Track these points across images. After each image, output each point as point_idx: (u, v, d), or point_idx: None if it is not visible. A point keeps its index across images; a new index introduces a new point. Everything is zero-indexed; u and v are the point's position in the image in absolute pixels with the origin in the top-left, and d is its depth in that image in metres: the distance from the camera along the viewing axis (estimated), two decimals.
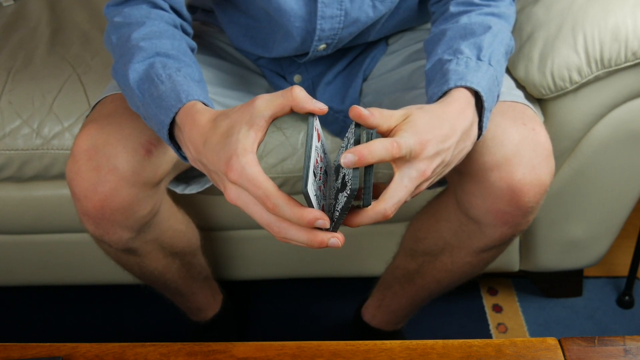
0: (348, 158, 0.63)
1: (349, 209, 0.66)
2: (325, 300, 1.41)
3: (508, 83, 0.96)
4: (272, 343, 0.82)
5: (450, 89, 0.76)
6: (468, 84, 0.76)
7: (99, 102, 0.93)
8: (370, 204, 0.66)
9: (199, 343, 0.82)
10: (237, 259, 1.32)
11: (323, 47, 0.96)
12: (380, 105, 1.01)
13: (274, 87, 1.08)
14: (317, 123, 0.68)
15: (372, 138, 0.66)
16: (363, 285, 1.26)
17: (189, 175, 1.03)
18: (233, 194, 0.67)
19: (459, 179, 0.89)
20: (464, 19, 0.85)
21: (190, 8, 1.13)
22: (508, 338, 1.09)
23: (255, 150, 0.66)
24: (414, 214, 1.05)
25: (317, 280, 1.43)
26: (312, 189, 0.64)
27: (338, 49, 1.00)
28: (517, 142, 0.83)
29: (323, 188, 0.69)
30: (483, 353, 0.80)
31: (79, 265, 1.31)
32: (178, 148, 0.77)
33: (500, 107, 0.87)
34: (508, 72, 1.08)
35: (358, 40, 1.01)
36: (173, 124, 0.75)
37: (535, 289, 1.41)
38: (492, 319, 1.37)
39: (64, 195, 1.17)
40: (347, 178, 0.65)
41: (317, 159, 0.67)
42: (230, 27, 1.03)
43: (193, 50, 0.87)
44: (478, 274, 1.05)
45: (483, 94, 0.76)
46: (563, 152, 1.12)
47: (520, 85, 1.07)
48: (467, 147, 0.75)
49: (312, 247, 0.65)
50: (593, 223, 1.24)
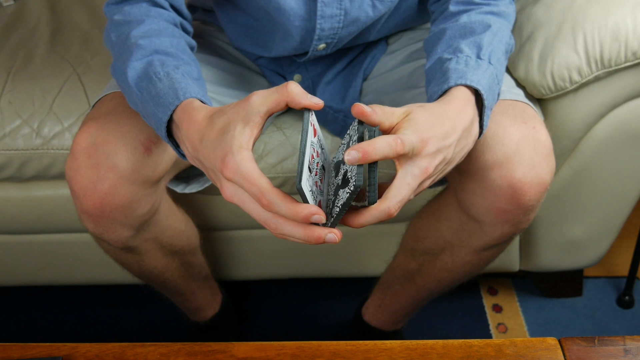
0: (352, 155, 0.63)
1: (350, 208, 0.66)
2: (325, 300, 1.41)
3: (508, 82, 0.96)
4: (272, 343, 0.82)
5: (451, 88, 0.76)
6: (468, 83, 0.76)
7: (99, 100, 0.93)
8: (376, 201, 0.66)
9: (199, 343, 0.82)
10: (237, 259, 1.32)
11: (323, 46, 0.96)
12: (381, 105, 1.01)
13: (274, 86, 1.08)
14: (313, 118, 0.68)
15: (374, 136, 0.67)
16: (363, 285, 1.26)
17: (189, 175, 1.03)
18: (229, 192, 0.67)
19: (460, 178, 0.89)
20: (464, 18, 0.85)
21: (191, 8, 1.13)
22: (508, 338, 1.09)
23: (251, 147, 0.66)
24: (415, 214, 1.05)
25: (317, 280, 1.43)
26: (306, 185, 0.64)
27: (338, 49, 1.00)
28: (517, 140, 0.83)
29: (320, 184, 0.68)
30: (483, 353, 0.80)
31: (79, 265, 1.31)
32: (177, 146, 0.77)
33: (501, 105, 0.87)
34: (508, 71, 1.08)
35: (358, 40, 1.01)
36: (171, 122, 0.75)
37: (535, 289, 1.41)
38: (492, 319, 1.37)
39: (64, 195, 1.17)
40: (349, 175, 0.65)
41: (312, 155, 0.67)
42: (230, 26, 1.03)
43: (193, 49, 0.87)
44: (478, 273, 1.05)
45: (483, 93, 0.76)
46: (563, 152, 1.12)
47: (520, 85, 1.08)
48: (468, 144, 0.75)
49: (309, 242, 0.65)
50: (593, 223, 1.24)
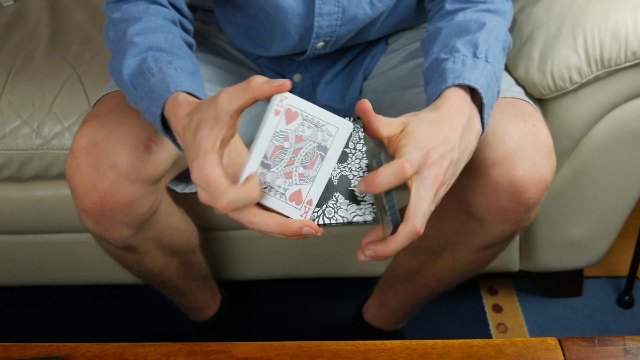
0: (361, 188, 0.66)
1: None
2: (325, 300, 1.41)
3: (508, 80, 0.96)
4: (272, 343, 0.82)
5: (447, 89, 0.76)
6: (466, 82, 0.76)
7: (100, 99, 0.93)
8: (400, 223, 0.67)
9: (199, 343, 0.82)
10: (237, 259, 1.32)
11: (321, 44, 0.96)
12: (381, 104, 1.01)
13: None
14: (290, 101, 0.65)
15: (381, 162, 0.66)
16: (363, 285, 1.26)
17: (189, 175, 1.03)
18: (201, 195, 0.66)
19: (460, 176, 0.89)
20: (459, 17, 0.85)
21: (191, 7, 1.13)
22: (508, 338, 1.09)
23: (217, 149, 0.65)
24: None
25: (317, 280, 1.43)
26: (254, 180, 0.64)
27: (338, 48, 1.00)
28: (517, 138, 0.83)
29: (306, 171, 0.67)
30: (483, 353, 0.80)
31: (79, 265, 1.31)
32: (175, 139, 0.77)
33: (501, 103, 0.87)
34: (507, 69, 1.08)
35: (358, 39, 1.01)
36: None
37: (535, 289, 1.41)
38: (492, 319, 1.37)
39: (64, 195, 1.17)
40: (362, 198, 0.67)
41: (280, 145, 0.65)
42: (229, 26, 1.03)
43: (191, 47, 0.87)
44: (479, 272, 1.05)
45: (481, 91, 0.76)
46: (563, 152, 1.12)
47: (521, 85, 1.08)
48: (472, 142, 0.75)
49: (286, 236, 0.66)
50: (593, 223, 1.24)
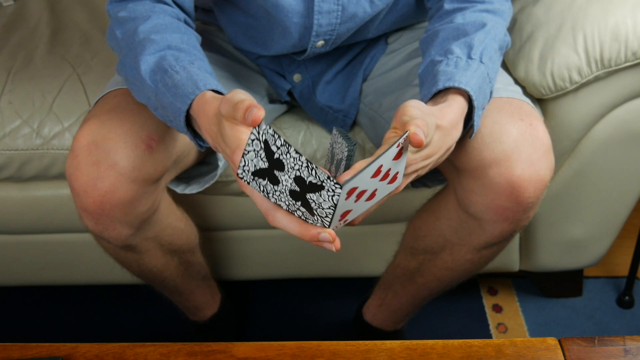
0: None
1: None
2: (325, 300, 1.41)
3: (505, 79, 0.96)
4: (272, 343, 0.82)
5: (448, 89, 0.77)
6: (456, 85, 0.76)
7: (101, 98, 0.93)
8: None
9: (199, 343, 0.82)
10: (236, 259, 1.32)
11: (321, 43, 0.96)
12: (381, 105, 1.01)
13: (274, 86, 1.08)
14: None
15: (353, 155, 0.66)
16: (363, 285, 1.26)
17: (189, 175, 1.03)
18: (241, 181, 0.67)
19: (458, 176, 0.90)
20: (459, 18, 0.85)
21: None
22: (508, 338, 1.09)
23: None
24: (414, 213, 1.05)
25: (317, 280, 1.43)
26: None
27: (337, 48, 1.00)
28: (515, 137, 0.83)
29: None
30: (483, 353, 0.80)
31: (79, 265, 1.31)
32: (194, 135, 0.79)
33: (497, 103, 0.87)
34: (507, 69, 1.08)
35: (357, 37, 1.01)
36: (188, 113, 0.76)
37: (535, 289, 1.41)
38: (492, 319, 1.37)
39: (64, 195, 1.17)
40: (336, 150, 0.66)
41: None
42: (230, 26, 1.03)
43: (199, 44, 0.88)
44: (478, 272, 1.05)
45: (472, 94, 0.77)
46: (563, 152, 1.12)
47: (520, 85, 1.07)
48: (453, 137, 0.76)
49: (303, 239, 0.67)
50: (593, 223, 1.24)
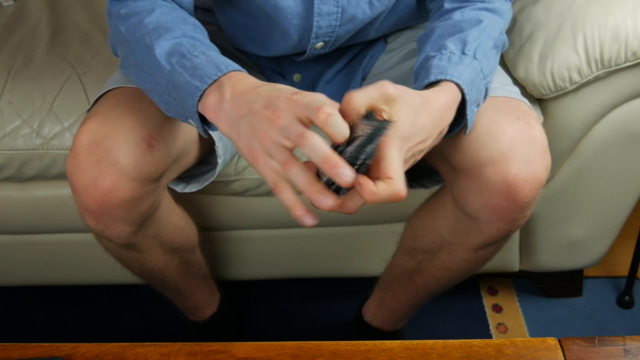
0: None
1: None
2: (325, 300, 1.41)
3: (503, 79, 0.96)
4: (272, 343, 0.82)
5: (431, 82, 0.77)
6: (448, 77, 0.77)
7: (101, 97, 0.93)
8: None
9: (199, 343, 0.82)
10: (236, 259, 1.32)
11: (320, 45, 0.96)
12: None
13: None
14: None
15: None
16: (363, 285, 1.26)
17: (189, 174, 1.04)
18: (284, 113, 0.66)
19: (455, 176, 0.90)
20: (457, 16, 0.85)
21: None
22: (508, 338, 1.09)
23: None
24: (412, 213, 1.05)
25: (317, 280, 1.43)
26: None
27: (337, 48, 1.00)
28: (511, 136, 0.83)
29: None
30: (483, 353, 0.80)
31: (79, 265, 1.31)
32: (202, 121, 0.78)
33: (494, 102, 0.87)
34: (507, 70, 1.09)
35: (357, 39, 1.01)
36: (201, 99, 0.75)
37: (535, 289, 1.41)
38: (492, 319, 1.37)
39: (64, 195, 1.17)
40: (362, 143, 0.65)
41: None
42: (229, 26, 1.03)
43: None
44: (477, 272, 1.05)
45: (464, 87, 0.77)
46: (563, 152, 1.12)
47: (520, 85, 1.08)
48: (445, 120, 0.76)
49: (324, 165, 0.63)
50: (593, 223, 1.24)
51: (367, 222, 1.24)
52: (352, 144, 0.66)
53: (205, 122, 0.79)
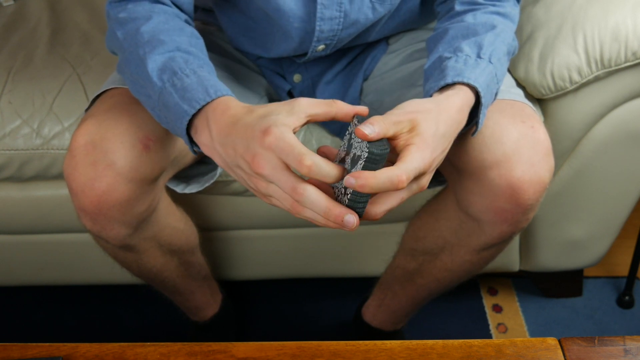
0: (350, 182, 0.63)
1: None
2: (325, 300, 1.41)
3: (508, 81, 0.96)
4: (272, 343, 0.82)
5: (455, 84, 0.77)
6: (465, 80, 0.76)
7: (98, 97, 0.93)
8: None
9: (199, 343, 0.82)
10: (236, 259, 1.32)
11: (322, 47, 0.96)
12: (382, 105, 1.01)
13: (274, 86, 1.08)
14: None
15: (384, 153, 0.65)
16: (363, 285, 1.26)
17: (189, 175, 1.03)
18: (263, 160, 0.67)
19: (459, 177, 0.90)
20: (469, 18, 0.85)
21: None
22: (508, 338, 1.09)
23: (291, 131, 0.67)
24: (414, 213, 1.05)
25: (317, 280, 1.43)
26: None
27: (338, 49, 1.00)
28: (516, 139, 0.83)
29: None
30: (483, 353, 0.80)
31: (79, 265, 1.31)
32: (191, 142, 0.78)
33: (499, 105, 0.87)
34: (508, 70, 1.08)
35: (358, 41, 1.01)
36: (192, 118, 0.76)
37: (535, 289, 1.41)
38: (492, 319, 1.37)
39: (64, 195, 1.16)
40: (359, 151, 0.65)
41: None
42: (230, 27, 1.03)
43: None
44: (478, 273, 1.05)
45: (480, 90, 0.77)
46: (563, 152, 1.12)
47: (520, 85, 1.08)
48: (460, 123, 0.76)
49: (328, 218, 0.65)
50: (593, 223, 1.24)
51: (367, 222, 1.24)
52: (349, 157, 0.67)
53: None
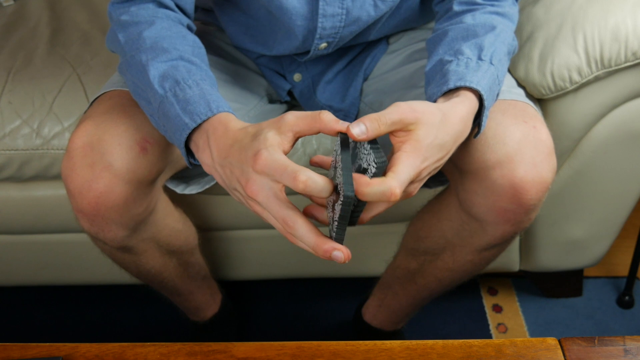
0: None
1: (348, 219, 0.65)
2: (325, 300, 1.41)
3: (509, 82, 0.96)
4: (272, 343, 0.82)
5: (459, 89, 0.76)
6: (467, 84, 0.76)
7: (97, 99, 0.93)
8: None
9: (199, 343, 0.82)
10: (236, 259, 1.32)
11: (324, 45, 0.96)
12: (382, 105, 1.01)
13: (274, 86, 1.08)
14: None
15: (383, 166, 0.64)
16: (363, 285, 1.26)
17: (189, 175, 1.03)
18: (256, 186, 0.67)
19: (461, 178, 0.89)
20: (468, 19, 0.85)
21: None
22: (508, 338, 1.09)
23: (280, 150, 0.67)
24: (415, 213, 1.05)
25: (317, 280, 1.43)
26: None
27: (338, 48, 1.00)
28: (518, 139, 0.83)
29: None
30: (483, 353, 0.80)
31: (79, 265, 1.31)
32: (188, 153, 0.78)
33: (501, 105, 0.87)
34: (508, 70, 1.08)
35: (358, 39, 1.01)
36: (193, 131, 0.76)
37: (535, 289, 1.41)
38: (492, 319, 1.37)
39: (64, 196, 1.16)
40: (339, 185, 0.64)
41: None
42: (230, 25, 1.03)
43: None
44: (479, 273, 1.05)
45: (483, 94, 0.76)
46: (563, 152, 1.12)
47: (520, 85, 1.08)
48: (463, 133, 0.76)
49: (315, 251, 0.66)
50: (593, 223, 1.24)
51: (368, 222, 1.24)
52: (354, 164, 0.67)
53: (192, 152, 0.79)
